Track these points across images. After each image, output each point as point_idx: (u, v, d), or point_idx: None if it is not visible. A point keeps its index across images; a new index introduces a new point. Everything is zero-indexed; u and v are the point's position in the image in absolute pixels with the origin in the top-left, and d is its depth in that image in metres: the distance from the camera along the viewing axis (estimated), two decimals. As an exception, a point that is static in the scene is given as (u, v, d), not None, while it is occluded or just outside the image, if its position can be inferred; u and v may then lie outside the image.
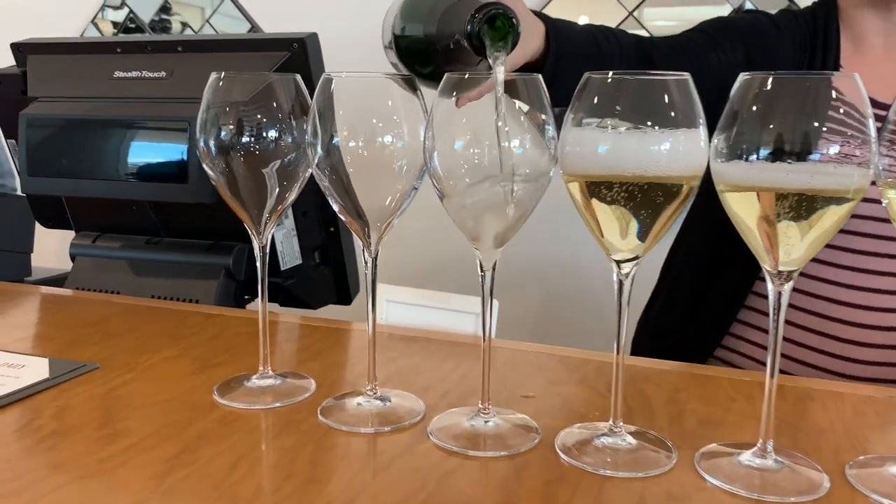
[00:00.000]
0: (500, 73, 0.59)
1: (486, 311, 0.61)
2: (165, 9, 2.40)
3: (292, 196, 0.68)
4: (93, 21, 2.48)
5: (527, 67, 0.88)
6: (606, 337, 0.64)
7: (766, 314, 1.08)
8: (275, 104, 0.66)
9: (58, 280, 1.37)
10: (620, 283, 0.57)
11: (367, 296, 0.65)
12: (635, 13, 1.95)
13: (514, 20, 0.63)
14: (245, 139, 0.66)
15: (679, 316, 1.18)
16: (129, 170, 1.00)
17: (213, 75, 0.66)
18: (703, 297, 1.13)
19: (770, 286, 0.55)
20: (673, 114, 0.53)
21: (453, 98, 0.58)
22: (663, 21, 1.94)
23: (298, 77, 0.67)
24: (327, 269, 1.15)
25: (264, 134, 0.66)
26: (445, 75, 0.58)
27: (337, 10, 2.15)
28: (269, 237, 0.69)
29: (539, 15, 0.90)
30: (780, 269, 0.53)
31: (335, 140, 0.61)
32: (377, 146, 0.61)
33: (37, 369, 0.74)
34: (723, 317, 1.12)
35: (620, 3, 1.99)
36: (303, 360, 0.79)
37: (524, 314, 2.02)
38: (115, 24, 2.46)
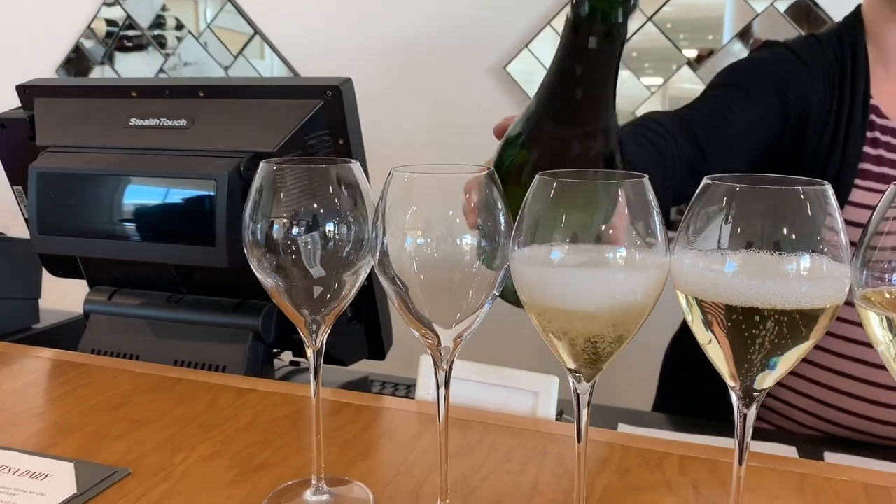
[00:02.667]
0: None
1: (581, 443, 0.54)
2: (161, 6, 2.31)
3: (350, 296, 0.61)
4: (89, 26, 2.39)
5: None
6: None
7: (782, 400, 1.09)
8: (332, 191, 0.59)
9: (68, 326, 1.29)
10: (744, 417, 0.50)
11: (439, 416, 0.58)
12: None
13: None
14: (299, 233, 0.58)
15: (703, 359, 1.14)
16: (149, 230, 0.92)
17: (264, 164, 0.58)
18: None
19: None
20: (814, 231, 0.45)
21: (550, 195, 0.50)
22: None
23: (357, 164, 0.59)
24: (360, 325, 1.08)
25: (321, 228, 0.58)
26: (538, 176, 0.51)
27: (337, 9, 2.07)
28: (324, 340, 0.62)
29: None
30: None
31: (406, 241, 0.54)
32: (452, 246, 0.54)
33: (62, 479, 0.67)
34: None
35: (641, 10, 1.91)
36: (353, 460, 0.72)
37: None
38: (108, 21, 2.37)
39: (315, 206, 0.59)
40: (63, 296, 1.29)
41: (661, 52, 1.89)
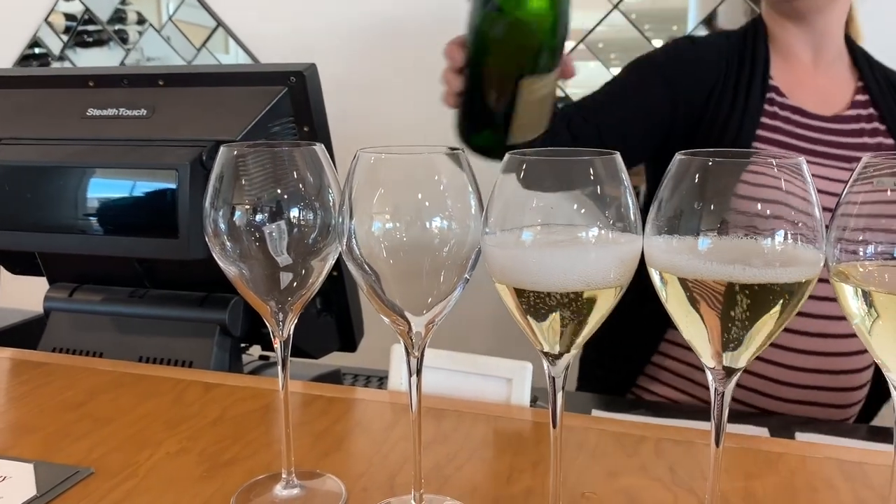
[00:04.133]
0: None
1: (556, 429, 0.53)
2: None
3: (317, 284, 0.59)
4: (46, 20, 2.33)
5: None
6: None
7: (677, 360, 1.17)
8: (296, 176, 0.57)
9: (28, 325, 1.26)
10: (721, 395, 0.49)
11: (412, 404, 0.57)
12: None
13: None
14: (263, 220, 0.56)
15: (602, 348, 1.26)
16: (110, 223, 0.89)
17: (224, 149, 0.56)
18: (622, 334, 1.18)
19: None
20: (788, 204, 0.45)
21: (521, 176, 0.49)
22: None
23: (321, 147, 0.58)
24: (330, 317, 1.06)
25: (286, 214, 0.56)
26: (507, 155, 0.50)
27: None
28: (291, 330, 0.60)
29: None
30: None
31: (374, 225, 0.52)
32: (421, 229, 0.52)
33: (22, 481, 0.64)
34: (639, 357, 1.20)
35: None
36: (324, 452, 0.70)
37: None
38: (67, 15, 2.31)
39: (279, 191, 0.57)
40: (22, 294, 1.25)
41: (627, 42, 1.89)
